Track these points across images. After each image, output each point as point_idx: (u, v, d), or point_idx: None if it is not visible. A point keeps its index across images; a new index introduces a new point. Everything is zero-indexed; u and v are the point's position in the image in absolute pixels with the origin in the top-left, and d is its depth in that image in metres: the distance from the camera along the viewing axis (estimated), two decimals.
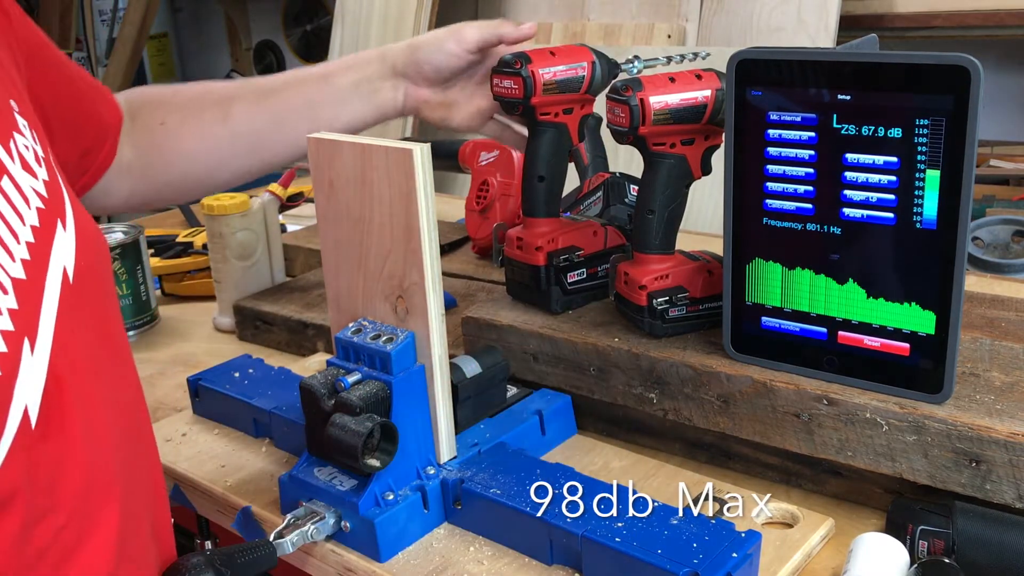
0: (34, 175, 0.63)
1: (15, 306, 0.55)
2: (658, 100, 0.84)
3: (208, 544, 0.99)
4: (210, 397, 1.01)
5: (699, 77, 0.86)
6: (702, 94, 0.85)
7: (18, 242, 0.58)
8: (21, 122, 0.66)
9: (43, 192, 0.63)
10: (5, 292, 0.55)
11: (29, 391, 0.54)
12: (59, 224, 0.63)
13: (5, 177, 0.60)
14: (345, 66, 1.02)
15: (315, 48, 3.75)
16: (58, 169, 0.68)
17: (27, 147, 0.64)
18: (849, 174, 0.75)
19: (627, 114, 0.84)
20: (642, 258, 0.91)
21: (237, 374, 1.02)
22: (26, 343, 0.55)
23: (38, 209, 0.62)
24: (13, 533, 0.53)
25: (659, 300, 0.88)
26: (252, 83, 1.00)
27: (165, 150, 0.94)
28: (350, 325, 0.82)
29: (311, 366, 1.10)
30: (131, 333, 1.32)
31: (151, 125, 0.94)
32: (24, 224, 0.59)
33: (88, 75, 0.90)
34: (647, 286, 0.89)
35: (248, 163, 0.98)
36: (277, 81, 1.02)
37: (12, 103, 0.66)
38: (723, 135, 0.84)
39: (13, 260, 0.57)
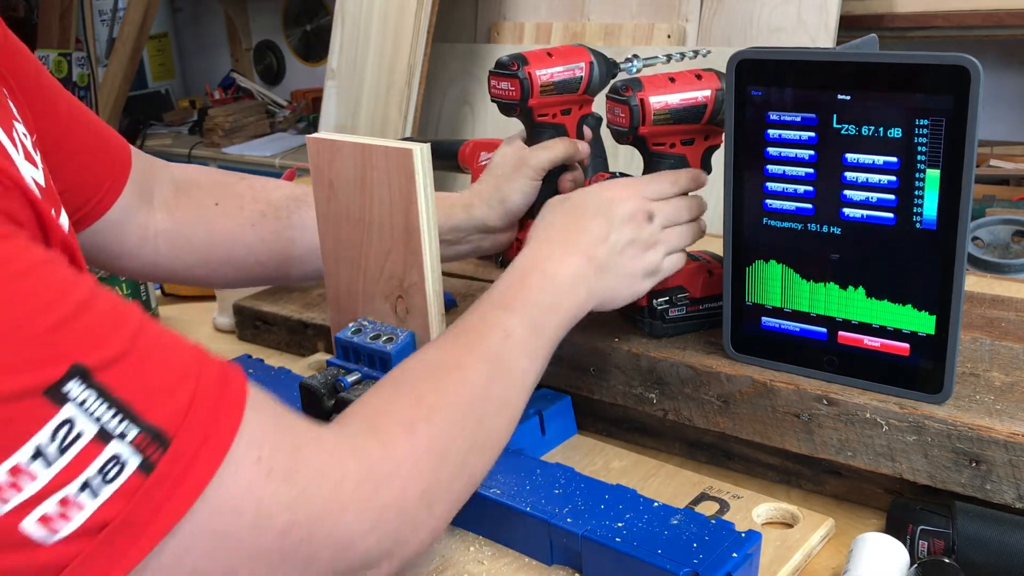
0: (35, 164, 0.64)
1: None
2: (658, 100, 0.84)
3: None
4: None
5: (699, 77, 0.86)
6: (702, 94, 0.85)
7: None
8: (15, 111, 0.66)
9: (41, 182, 0.64)
10: None
11: None
12: (54, 214, 0.64)
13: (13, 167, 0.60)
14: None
15: (315, 48, 3.75)
16: (99, 144, 0.70)
17: (25, 135, 0.65)
18: (849, 174, 0.75)
19: (627, 114, 0.84)
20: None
21: None
22: None
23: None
24: None
25: (659, 300, 0.88)
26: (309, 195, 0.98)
27: (212, 230, 0.92)
28: (350, 325, 0.82)
29: (311, 366, 1.10)
30: None
31: (202, 203, 0.92)
32: None
33: (95, 117, 0.87)
34: None
35: (296, 270, 0.96)
36: None
37: (3, 91, 0.66)
38: (723, 135, 0.84)
39: None
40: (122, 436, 0.47)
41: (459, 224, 0.97)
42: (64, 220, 0.66)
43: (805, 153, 0.77)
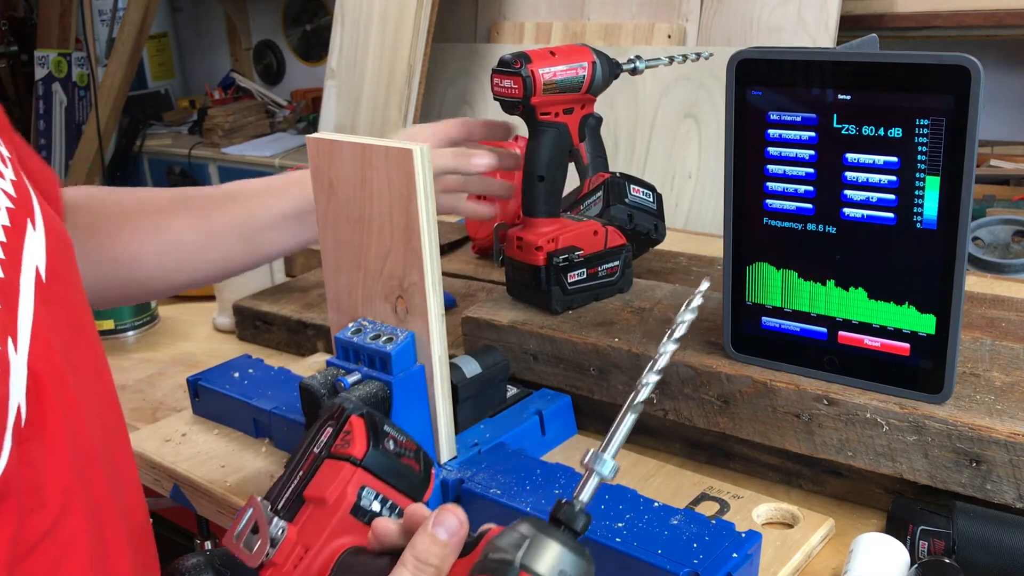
0: (1, 175, 0.63)
1: None
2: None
3: (208, 544, 0.99)
4: (210, 397, 1.01)
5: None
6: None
7: None
8: None
9: (11, 192, 0.63)
10: None
11: (18, 389, 0.55)
12: (29, 224, 0.63)
13: None
14: (289, 183, 0.98)
15: (315, 48, 3.74)
16: (23, 171, 0.68)
17: None
18: (849, 174, 0.75)
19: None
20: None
21: (237, 374, 1.02)
22: (9, 342, 0.55)
23: (7, 209, 0.62)
24: (10, 530, 0.53)
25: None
26: (192, 197, 0.98)
27: (95, 254, 0.92)
28: (350, 325, 0.82)
29: (311, 366, 1.10)
30: (131, 333, 1.32)
31: (90, 225, 0.92)
32: None
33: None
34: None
35: (177, 279, 0.97)
36: (216, 196, 0.99)
37: None
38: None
39: None
40: None
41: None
42: (39, 228, 0.64)
43: (805, 153, 0.77)
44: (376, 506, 0.60)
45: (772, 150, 0.78)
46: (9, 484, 0.53)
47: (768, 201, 0.80)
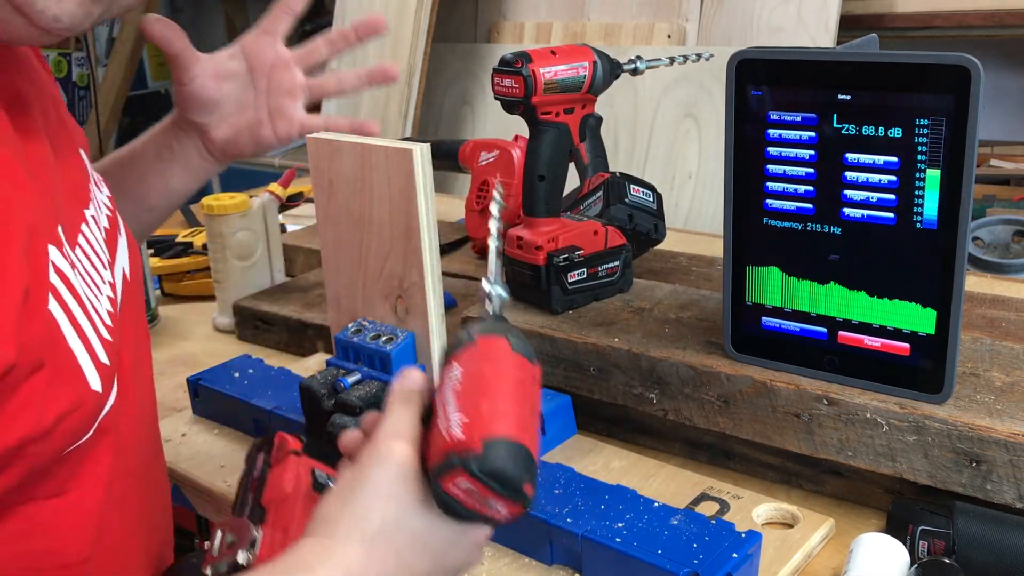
0: (99, 189, 0.72)
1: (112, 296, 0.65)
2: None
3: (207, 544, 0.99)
4: (210, 397, 1.01)
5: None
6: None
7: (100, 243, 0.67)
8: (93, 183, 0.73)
9: (108, 204, 0.71)
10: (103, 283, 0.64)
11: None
12: (119, 231, 0.72)
13: (92, 184, 0.69)
14: (146, 137, 0.99)
15: None
16: None
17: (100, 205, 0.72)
18: (849, 174, 0.75)
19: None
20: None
21: (237, 374, 1.02)
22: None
23: (108, 216, 0.70)
24: (109, 459, 0.60)
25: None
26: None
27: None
28: (350, 325, 0.82)
29: (311, 366, 1.10)
30: None
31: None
32: (99, 227, 0.67)
33: None
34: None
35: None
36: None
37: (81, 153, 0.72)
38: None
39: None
40: None
41: (166, 134, 0.97)
42: (123, 235, 0.72)
43: (805, 153, 0.77)
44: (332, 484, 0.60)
45: (772, 150, 0.78)
46: (114, 420, 0.60)
47: (768, 201, 0.80)
